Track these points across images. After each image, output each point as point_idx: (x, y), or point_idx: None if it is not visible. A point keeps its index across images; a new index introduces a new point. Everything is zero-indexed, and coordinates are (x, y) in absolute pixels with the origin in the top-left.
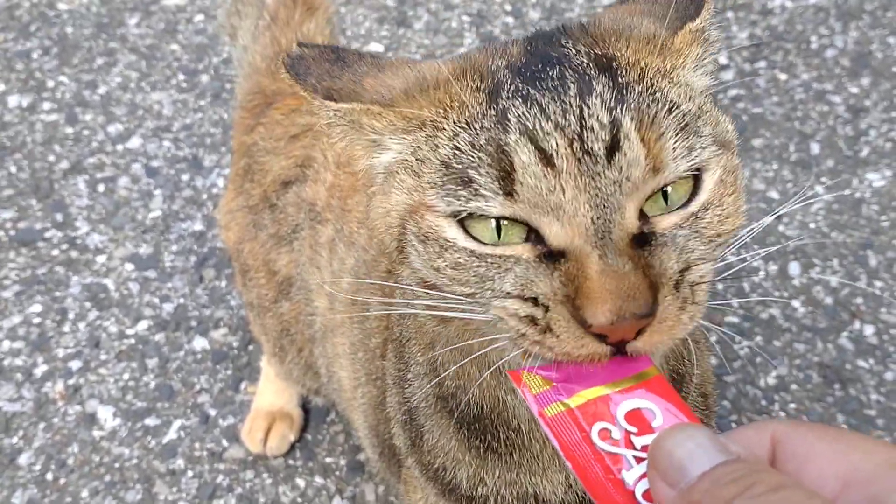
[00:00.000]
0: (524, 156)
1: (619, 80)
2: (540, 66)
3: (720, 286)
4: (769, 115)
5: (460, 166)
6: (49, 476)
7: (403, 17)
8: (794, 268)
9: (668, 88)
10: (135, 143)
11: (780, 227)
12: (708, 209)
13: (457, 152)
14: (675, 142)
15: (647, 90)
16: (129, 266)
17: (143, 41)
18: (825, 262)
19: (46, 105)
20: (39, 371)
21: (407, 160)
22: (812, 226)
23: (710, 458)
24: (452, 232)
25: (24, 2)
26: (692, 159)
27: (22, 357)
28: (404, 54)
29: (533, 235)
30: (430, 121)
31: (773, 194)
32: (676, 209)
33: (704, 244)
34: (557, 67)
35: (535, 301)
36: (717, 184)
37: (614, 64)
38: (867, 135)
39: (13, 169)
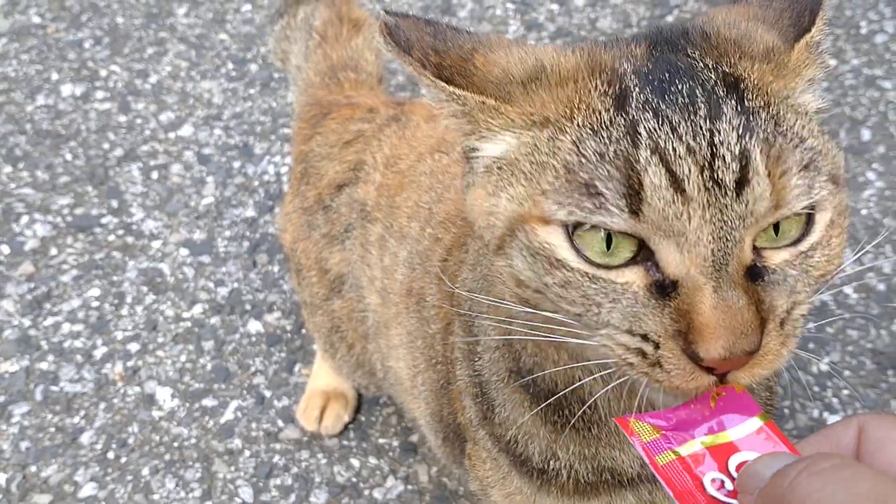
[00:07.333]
0: (655, 177)
1: (746, 103)
2: (667, 77)
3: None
4: (819, 102)
5: (586, 175)
6: (110, 455)
7: (448, 5)
8: (845, 254)
9: (792, 119)
10: (186, 131)
11: None
12: (816, 249)
13: (582, 160)
14: (798, 179)
15: (773, 119)
16: (184, 251)
17: (192, 31)
18: (877, 249)
19: (99, 94)
20: (99, 353)
21: (518, 160)
22: (864, 212)
23: (785, 462)
24: (564, 252)
25: None
26: (811, 197)
27: (82, 339)
28: None
29: (644, 255)
30: (555, 120)
31: None
32: (786, 245)
33: (810, 285)
34: (687, 83)
35: (644, 337)
36: (828, 225)
37: (741, 86)
38: None
39: (69, 156)
